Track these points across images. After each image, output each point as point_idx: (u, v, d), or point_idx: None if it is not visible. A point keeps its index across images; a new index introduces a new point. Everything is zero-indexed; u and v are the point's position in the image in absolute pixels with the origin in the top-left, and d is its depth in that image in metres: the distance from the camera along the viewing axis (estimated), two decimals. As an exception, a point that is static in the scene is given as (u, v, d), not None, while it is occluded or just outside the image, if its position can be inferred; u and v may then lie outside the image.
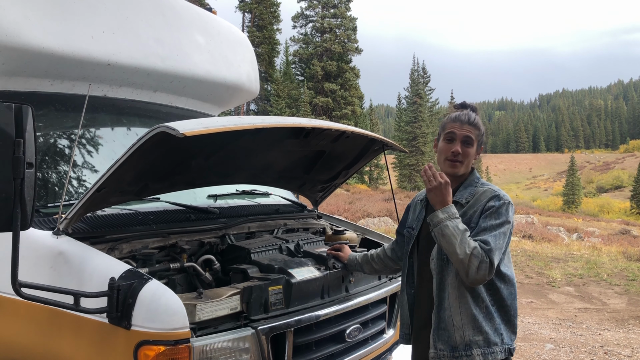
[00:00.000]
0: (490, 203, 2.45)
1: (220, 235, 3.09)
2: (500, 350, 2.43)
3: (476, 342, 2.41)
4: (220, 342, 2.27)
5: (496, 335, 2.43)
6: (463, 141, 2.54)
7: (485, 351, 2.41)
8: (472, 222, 2.45)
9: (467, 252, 2.29)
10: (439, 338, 2.46)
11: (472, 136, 2.54)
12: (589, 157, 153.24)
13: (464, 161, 2.54)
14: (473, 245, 2.32)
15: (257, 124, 2.50)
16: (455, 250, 2.32)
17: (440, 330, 2.46)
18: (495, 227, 2.39)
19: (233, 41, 4.41)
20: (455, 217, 2.38)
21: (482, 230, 2.39)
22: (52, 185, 2.88)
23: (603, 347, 6.70)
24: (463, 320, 2.41)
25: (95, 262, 2.29)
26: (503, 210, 2.43)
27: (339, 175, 3.89)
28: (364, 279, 3.25)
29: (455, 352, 2.42)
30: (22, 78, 3.11)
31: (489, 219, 2.41)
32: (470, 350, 2.41)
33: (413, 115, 54.04)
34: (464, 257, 2.30)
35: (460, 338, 2.41)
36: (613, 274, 11.41)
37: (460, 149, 2.53)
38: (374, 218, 22.31)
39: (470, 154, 2.55)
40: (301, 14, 53.38)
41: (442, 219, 2.38)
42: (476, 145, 2.58)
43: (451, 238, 2.33)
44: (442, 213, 2.39)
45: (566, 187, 79.66)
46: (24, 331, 2.40)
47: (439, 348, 2.45)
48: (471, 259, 2.29)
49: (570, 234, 23.35)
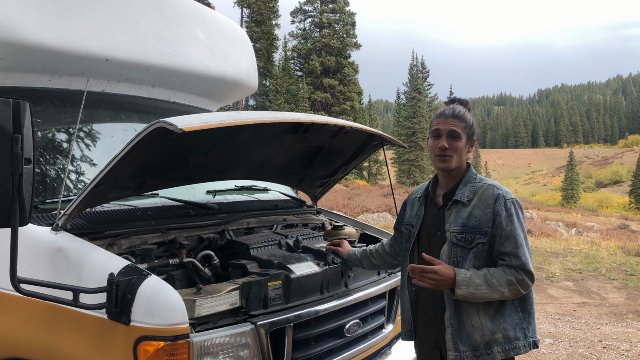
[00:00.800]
0: (497, 207, 2.43)
1: (219, 231, 3.08)
2: (523, 344, 2.43)
3: (496, 340, 2.41)
4: (219, 337, 2.27)
5: (517, 330, 2.43)
6: (449, 135, 2.52)
7: (506, 347, 2.41)
8: (483, 226, 2.43)
9: (505, 291, 2.35)
10: (461, 340, 2.44)
11: (457, 129, 2.52)
12: (587, 152, 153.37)
13: (453, 155, 2.52)
14: (503, 280, 2.35)
15: (255, 119, 2.49)
16: (496, 298, 2.38)
17: (462, 332, 2.44)
18: (516, 235, 2.40)
19: (231, 36, 4.40)
20: (470, 281, 2.36)
21: (504, 240, 2.40)
22: (50, 181, 2.88)
23: (602, 342, 6.71)
24: (482, 320, 2.42)
25: (94, 258, 2.28)
26: (513, 212, 2.43)
27: (338, 170, 3.88)
28: (363, 274, 3.26)
29: (477, 352, 2.42)
30: (20, 74, 3.11)
31: (505, 225, 2.41)
32: (490, 348, 2.41)
33: (412, 111, 54.04)
34: (506, 296, 2.37)
35: (480, 338, 2.41)
36: (612, 268, 11.43)
37: (447, 143, 2.51)
38: (373, 213, 22.34)
39: (459, 147, 2.53)
40: (300, 9, 53.32)
41: (465, 294, 2.37)
42: (465, 138, 2.55)
43: (484, 297, 2.37)
44: (460, 289, 2.37)
45: (565, 182, 79.73)
46: (23, 327, 2.40)
47: (461, 350, 2.44)
48: (511, 290, 2.36)
49: (569, 228, 23.41)
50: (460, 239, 2.45)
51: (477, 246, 2.42)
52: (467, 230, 2.44)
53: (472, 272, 2.38)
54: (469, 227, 2.44)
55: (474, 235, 2.43)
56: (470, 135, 2.58)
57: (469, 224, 2.45)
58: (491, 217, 2.43)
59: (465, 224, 2.45)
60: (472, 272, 2.38)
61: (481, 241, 2.42)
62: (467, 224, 2.45)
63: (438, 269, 2.37)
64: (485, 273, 2.37)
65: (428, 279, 2.37)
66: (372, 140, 3.54)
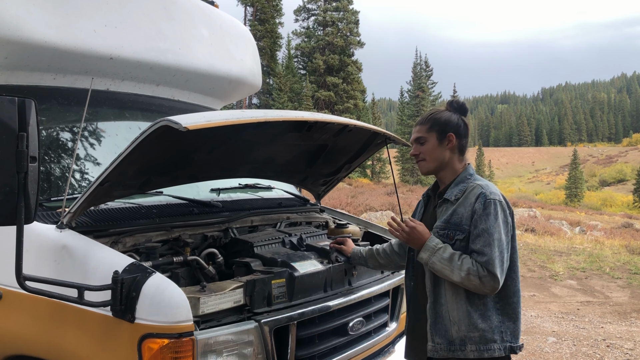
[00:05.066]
0: (476, 205, 2.44)
1: (223, 229, 3.09)
2: (499, 347, 2.43)
3: (471, 338, 2.42)
4: (223, 335, 2.27)
5: (495, 333, 2.43)
6: (416, 142, 2.66)
7: (480, 347, 2.41)
8: (462, 223, 2.46)
9: (463, 275, 2.36)
10: (437, 332, 2.48)
11: (420, 135, 2.64)
12: (591, 151, 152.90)
13: (426, 157, 2.63)
14: (466, 266, 2.36)
15: (259, 118, 2.49)
16: (452, 279, 2.40)
17: (438, 325, 2.48)
18: (488, 232, 2.39)
19: (235, 35, 4.41)
20: (437, 249, 2.43)
21: (475, 238, 2.41)
22: (55, 179, 2.89)
23: (605, 340, 6.70)
24: (459, 316, 2.43)
25: (98, 256, 2.29)
26: (491, 211, 2.41)
27: (341, 169, 3.88)
28: (366, 273, 3.26)
29: (452, 346, 2.44)
30: (25, 72, 3.12)
31: (479, 223, 2.41)
32: (464, 345, 2.42)
33: (415, 109, 53.91)
34: (462, 281, 2.37)
35: (456, 333, 2.43)
36: (615, 267, 11.40)
37: (415, 150, 2.66)
38: (376, 212, 22.34)
39: (428, 149, 2.62)
40: (303, 8, 53.25)
41: (426, 258, 2.45)
42: (434, 138, 2.60)
43: (442, 271, 2.41)
44: (424, 252, 2.46)
45: (569, 181, 79.51)
46: (28, 324, 2.41)
47: (436, 342, 2.48)
48: (470, 279, 2.35)
49: (572, 227, 23.35)
50: (442, 235, 2.49)
51: (456, 242, 2.46)
52: (449, 226, 2.48)
53: (445, 246, 2.44)
54: (451, 223, 2.48)
55: (454, 232, 2.47)
56: (442, 132, 2.60)
57: (452, 221, 2.49)
58: (471, 215, 2.44)
59: (448, 221, 2.50)
60: (445, 246, 2.44)
61: (459, 237, 2.45)
62: (450, 220, 2.49)
63: (416, 226, 2.51)
64: (454, 253, 2.41)
65: (403, 230, 2.51)
66: (376, 138, 3.54)
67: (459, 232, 2.45)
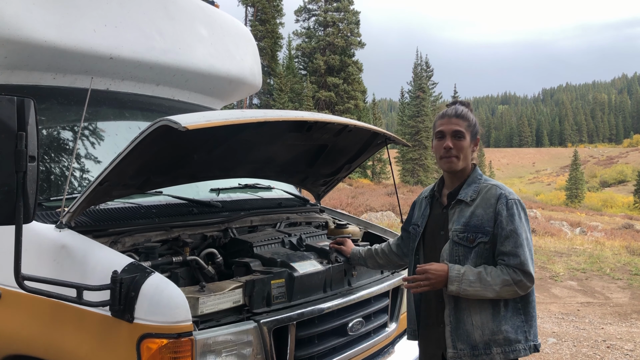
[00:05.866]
0: (498, 206, 2.43)
1: (222, 229, 3.08)
2: (524, 347, 2.42)
3: (495, 340, 2.40)
4: (222, 335, 2.27)
5: (518, 333, 2.42)
6: (453, 135, 2.53)
7: (505, 349, 2.40)
8: (485, 226, 2.43)
9: (498, 290, 2.34)
10: (459, 338, 2.44)
11: (461, 129, 2.53)
12: (592, 152, 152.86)
13: (459, 155, 2.53)
14: (498, 279, 2.34)
15: (259, 118, 2.49)
16: (489, 297, 2.36)
17: (460, 330, 2.44)
18: (517, 234, 2.39)
19: (236, 35, 4.40)
20: (462, 274, 2.37)
21: (505, 240, 2.39)
22: (54, 179, 2.88)
23: (606, 341, 6.69)
24: (482, 319, 2.41)
25: (98, 256, 2.29)
26: (515, 211, 2.42)
27: (341, 169, 3.88)
28: (366, 273, 3.25)
29: (475, 351, 2.41)
30: (25, 71, 3.11)
31: (506, 225, 2.40)
32: (490, 349, 2.40)
33: (416, 110, 53.90)
34: (500, 294, 2.35)
35: (479, 337, 2.40)
36: (616, 268, 11.39)
37: (451, 143, 2.52)
38: (376, 212, 22.33)
39: (464, 146, 2.54)
40: (304, 8, 53.25)
41: (456, 289, 2.38)
42: (469, 137, 2.56)
43: (477, 294, 2.36)
44: (452, 285, 2.39)
45: (569, 182, 79.48)
46: (27, 324, 2.41)
47: (459, 348, 2.44)
48: (506, 290, 2.34)
49: (573, 228, 23.33)
50: (462, 238, 2.45)
51: (478, 245, 2.43)
52: (469, 229, 2.44)
53: (467, 268, 2.39)
54: (471, 226, 2.45)
55: (475, 235, 2.43)
56: (474, 135, 2.59)
57: (471, 223, 2.45)
58: (493, 217, 2.43)
59: (467, 223, 2.46)
60: (466, 268, 2.39)
61: (482, 240, 2.42)
62: (469, 223, 2.45)
63: (429, 268, 2.41)
64: (480, 271, 2.37)
65: (422, 281, 2.41)
66: (376, 138, 3.53)
67: (481, 234, 2.42)
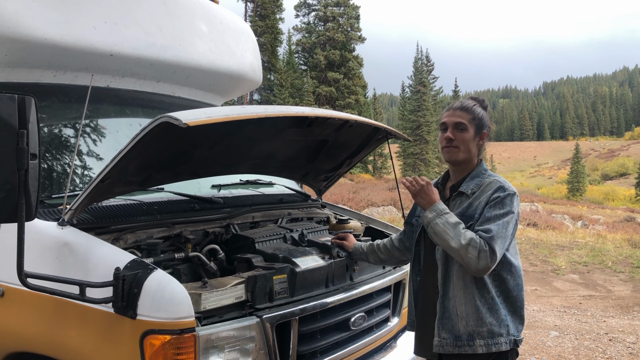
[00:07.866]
0: (495, 194, 2.45)
1: (224, 225, 3.09)
2: (505, 341, 2.43)
3: (479, 332, 2.41)
4: (225, 331, 2.28)
5: (501, 327, 2.43)
6: (455, 127, 2.57)
7: (488, 342, 2.41)
8: (477, 213, 2.46)
9: (463, 242, 2.32)
10: (443, 327, 2.47)
11: (463, 121, 2.56)
12: (593, 145, 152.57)
13: (460, 146, 2.56)
14: (469, 236, 2.33)
15: (260, 114, 2.49)
16: (450, 245, 2.35)
17: (445, 320, 2.47)
18: (499, 216, 2.40)
19: (236, 30, 4.40)
20: (444, 213, 2.42)
21: (486, 220, 2.41)
22: (56, 176, 2.89)
23: (608, 334, 6.70)
24: (467, 311, 2.42)
25: (100, 253, 2.29)
26: (507, 201, 2.44)
27: (342, 164, 3.88)
28: (368, 268, 3.26)
29: (458, 342, 2.43)
30: (25, 69, 3.11)
31: (493, 209, 2.42)
32: (473, 340, 2.42)
33: (417, 104, 53.86)
34: (459, 248, 2.32)
35: (463, 328, 2.43)
36: (618, 261, 11.40)
37: (452, 134, 2.56)
38: (378, 207, 22.35)
39: (466, 138, 2.56)
40: (304, 3, 53.16)
41: (431, 218, 2.43)
42: (472, 130, 2.57)
43: (443, 234, 2.37)
44: (430, 212, 2.44)
45: (571, 175, 79.34)
46: (30, 321, 2.42)
47: (442, 337, 2.47)
48: (468, 250, 2.31)
49: (574, 221, 23.34)
50: None
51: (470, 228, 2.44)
52: (464, 218, 2.46)
53: (452, 213, 2.43)
54: (466, 215, 2.47)
55: (468, 222, 2.45)
56: (479, 128, 2.60)
57: (467, 213, 2.48)
58: (485, 204, 2.45)
59: (463, 213, 2.49)
60: (452, 213, 2.44)
61: (471, 223, 2.44)
62: (465, 213, 2.48)
63: (430, 185, 2.51)
64: (460, 222, 2.40)
65: (417, 183, 2.50)
66: (377, 133, 3.53)
67: (471, 221, 2.45)
